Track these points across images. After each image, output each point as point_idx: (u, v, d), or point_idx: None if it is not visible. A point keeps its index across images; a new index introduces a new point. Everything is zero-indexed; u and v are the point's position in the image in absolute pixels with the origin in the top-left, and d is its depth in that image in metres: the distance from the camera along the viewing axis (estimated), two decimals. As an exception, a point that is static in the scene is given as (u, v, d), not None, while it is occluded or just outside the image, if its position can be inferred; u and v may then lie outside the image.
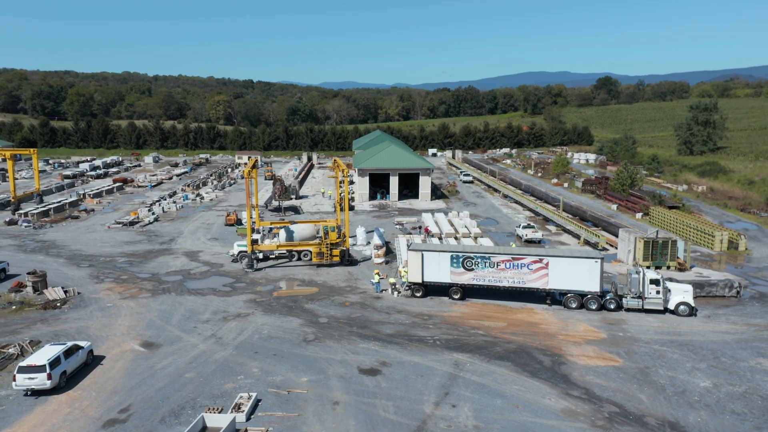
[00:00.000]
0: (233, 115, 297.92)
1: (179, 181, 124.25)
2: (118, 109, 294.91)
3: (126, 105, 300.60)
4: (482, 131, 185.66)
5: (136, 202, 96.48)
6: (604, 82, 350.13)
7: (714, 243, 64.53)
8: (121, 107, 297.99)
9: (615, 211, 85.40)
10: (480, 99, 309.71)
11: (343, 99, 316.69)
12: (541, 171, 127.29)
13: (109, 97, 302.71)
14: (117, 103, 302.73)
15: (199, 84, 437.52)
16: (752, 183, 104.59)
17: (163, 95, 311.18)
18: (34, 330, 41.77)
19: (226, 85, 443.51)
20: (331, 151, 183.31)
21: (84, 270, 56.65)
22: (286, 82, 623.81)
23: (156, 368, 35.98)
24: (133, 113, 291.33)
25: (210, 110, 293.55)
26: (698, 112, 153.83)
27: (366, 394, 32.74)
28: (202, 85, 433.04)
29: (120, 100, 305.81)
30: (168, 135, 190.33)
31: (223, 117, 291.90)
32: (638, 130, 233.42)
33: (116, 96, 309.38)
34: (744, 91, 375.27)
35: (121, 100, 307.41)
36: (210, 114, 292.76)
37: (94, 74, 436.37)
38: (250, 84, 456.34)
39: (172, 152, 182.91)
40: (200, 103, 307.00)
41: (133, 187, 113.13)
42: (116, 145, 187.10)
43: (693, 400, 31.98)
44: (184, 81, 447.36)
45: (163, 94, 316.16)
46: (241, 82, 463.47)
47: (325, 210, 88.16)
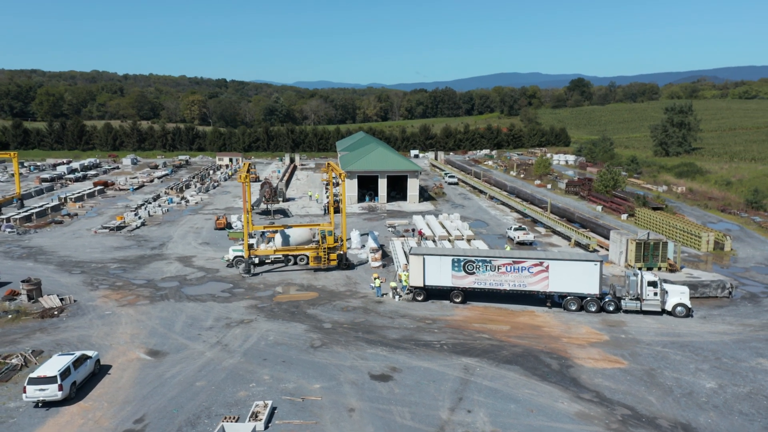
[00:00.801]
0: (208, 115, 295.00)
1: (161, 183, 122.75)
2: (89, 110, 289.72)
3: (97, 105, 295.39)
4: (462, 133, 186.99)
5: (120, 205, 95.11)
6: (576, 83, 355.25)
7: (701, 244, 66.05)
8: (93, 107, 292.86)
9: (600, 213, 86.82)
10: (457, 100, 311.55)
11: (321, 99, 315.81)
12: (523, 172, 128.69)
13: (79, 97, 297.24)
14: (88, 103, 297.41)
15: (171, 83, 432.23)
16: (729, 184, 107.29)
17: (135, 95, 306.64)
18: (34, 339, 40.99)
19: (199, 84, 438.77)
20: (313, 152, 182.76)
21: (76, 277, 55.70)
22: (260, 81, 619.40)
23: (165, 377, 35.62)
24: (105, 113, 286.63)
25: (184, 110, 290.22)
26: (673, 114, 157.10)
27: (380, 401, 32.86)
28: (174, 84, 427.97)
29: (91, 100, 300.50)
30: (145, 136, 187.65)
31: (198, 117, 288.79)
32: (612, 131, 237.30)
33: (87, 96, 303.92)
34: (711, 92, 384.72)
35: (93, 100, 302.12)
36: (184, 114, 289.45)
37: (62, 73, 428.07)
38: (224, 83, 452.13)
39: (149, 154, 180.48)
40: (174, 102, 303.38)
41: (114, 190, 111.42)
42: (92, 147, 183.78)
43: (701, 401, 32.77)
44: (155, 80, 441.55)
45: (135, 93, 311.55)
46: (214, 81, 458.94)
47: (314, 213, 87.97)
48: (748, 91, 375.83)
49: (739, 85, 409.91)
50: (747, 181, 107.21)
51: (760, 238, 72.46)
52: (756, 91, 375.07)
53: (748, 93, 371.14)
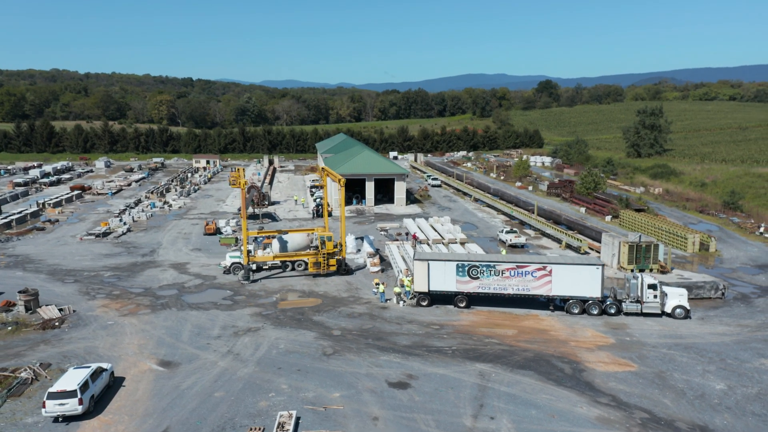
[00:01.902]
0: (177, 115, 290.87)
1: (139, 187, 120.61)
2: (52, 110, 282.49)
3: (61, 105, 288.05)
4: (439, 134, 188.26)
5: (100, 211, 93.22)
6: (545, 85, 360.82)
7: (687, 245, 67.86)
8: (56, 108, 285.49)
9: (584, 214, 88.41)
10: (429, 101, 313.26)
11: (293, 99, 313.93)
12: (503, 174, 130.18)
13: (42, 97, 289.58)
14: (51, 103, 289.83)
15: (135, 82, 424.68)
16: (704, 185, 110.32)
17: (101, 95, 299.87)
18: (39, 352, 40.04)
19: (165, 83, 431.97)
20: (291, 153, 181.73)
21: (70, 286, 54.48)
22: (227, 80, 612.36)
23: (182, 388, 35.21)
24: (69, 114, 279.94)
25: (152, 110, 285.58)
26: (645, 116, 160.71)
27: (402, 409, 33.03)
28: (138, 83, 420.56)
29: (54, 100, 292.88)
30: (117, 138, 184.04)
31: (166, 117, 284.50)
32: (582, 132, 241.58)
33: (50, 96, 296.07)
34: (672, 94, 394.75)
35: (56, 100, 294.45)
36: (152, 114, 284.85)
37: (20, 72, 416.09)
38: (190, 82, 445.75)
39: (122, 156, 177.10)
40: (141, 102, 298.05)
41: (92, 194, 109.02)
42: (62, 149, 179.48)
43: (714, 403, 33.76)
44: (118, 79, 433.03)
45: (100, 93, 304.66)
46: (179, 80, 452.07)
47: (302, 217, 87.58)
48: (708, 92, 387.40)
49: (698, 86, 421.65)
50: (721, 182, 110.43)
51: (740, 238, 74.75)
52: (715, 92, 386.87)
53: (708, 94, 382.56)
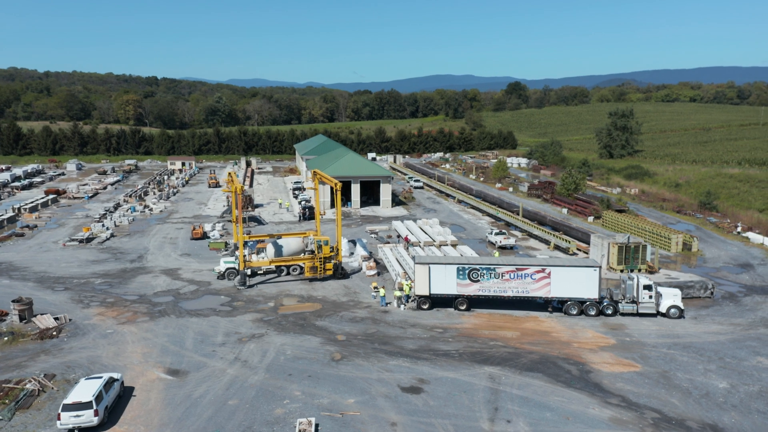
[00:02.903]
0: (144, 115, 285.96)
1: (115, 190, 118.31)
2: (13, 110, 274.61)
3: (23, 105, 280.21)
4: (416, 136, 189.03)
5: (79, 215, 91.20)
6: (514, 87, 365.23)
7: (671, 245, 69.59)
8: (18, 108, 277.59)
9: (566, 215, 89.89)
10: (402, 102, 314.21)
11: (264, 99, 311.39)
12: (482, 175, 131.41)
13: (2, 97, 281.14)
14: (12, 103, 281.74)
15: (98, 81, 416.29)
16: (678, 185, 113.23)
17: (64, 94, 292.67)
18: (41, 362, 39.13)
19: (128, 82, 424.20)
20: (267, 154, 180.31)
21: (62, 294, 53.26)
22: (193, 79, 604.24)
23: (194, 397, 34.84)
24: (31, 114, 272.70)
25: (118, 110, 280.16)
26: (617, 118, 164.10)
27: (419, 414, 33.24)
28: (100, 82, 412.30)
29: (15, 100, 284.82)
30: (87, 140, 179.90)
31: (133, 117, 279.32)
32: (552, 133, 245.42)
33: (10, 95, 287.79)
34: (636, 95, 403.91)
35: (17, 99, 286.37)
36: (118, 114, 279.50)
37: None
38: (155, 81, 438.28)
39: (93, 158, 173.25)
40: (106, 102, 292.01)
41: (68, 198, 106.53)
42: (30, 152, 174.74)
43: (719, 401, 34.77)
44: (80, 78, 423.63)
45: (64, 93, 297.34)
46: (144, 79, 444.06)
47: (288, 220, 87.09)
48: (669, 94, 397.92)
49: (660, 88, 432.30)
50: (694, 183, 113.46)
51: (719, 238, 76.94)
52: (676, 94, 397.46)
53: (669, 96, 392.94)
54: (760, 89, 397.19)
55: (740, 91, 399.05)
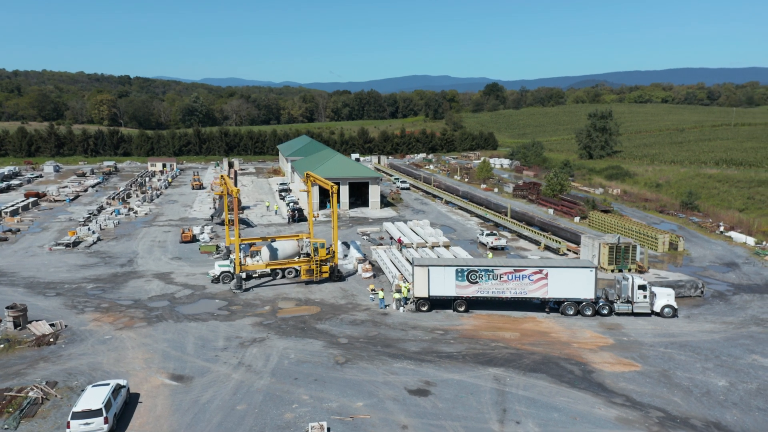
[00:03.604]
0: (119, 115, 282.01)
1: (96, 193, 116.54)
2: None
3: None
4: (399, 137, 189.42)
5: (62, 219, 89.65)
6: (491, 88, 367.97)
7: (657, 245, 70.84)
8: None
9: (553, 216, 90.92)
10: (382, 102, 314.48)
11: (242, 98, 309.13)
12: (466, 176, 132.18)
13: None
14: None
15: (69, 80, 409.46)
16: (659, 186, 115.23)
17: (35, 94, 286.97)
18: (40, 370, 38.48)
19: (100, 81, 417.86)
20: (249, 155, 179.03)
21: (54, 300, 52.38)
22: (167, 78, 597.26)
23: (201, 402, 34.60)
24: (1, 114, 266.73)
25: (92, 110, 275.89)
26: (596, 119, 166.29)
27: (428, 416, 33.42)
28: (71, 81, 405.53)
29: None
30: (64, 141, 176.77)
31: (107, 118, 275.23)
32: (531, 134, 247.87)
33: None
34: (610, 96, 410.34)
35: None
36: (92, 114, 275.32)
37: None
38: (127, 80, 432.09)
39: (70, 160, 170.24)
40: (80, 102, 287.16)
41: (49, 201, 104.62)
42: (5, 153, 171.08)
43: (720, 399, 35.54)
44: (50, 77, 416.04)
45: (35, 92, 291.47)
46: (116, 78, 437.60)
47: (277, 222, 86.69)
48: (642, 95, 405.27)
49: (633, 89, 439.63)
50: (674, 183, 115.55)
51: (703, 237, 78.53)
52: (649, 95, 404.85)
53: (642, 97, 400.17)
54: (729, 90, 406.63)
55: (710, 92, 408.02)
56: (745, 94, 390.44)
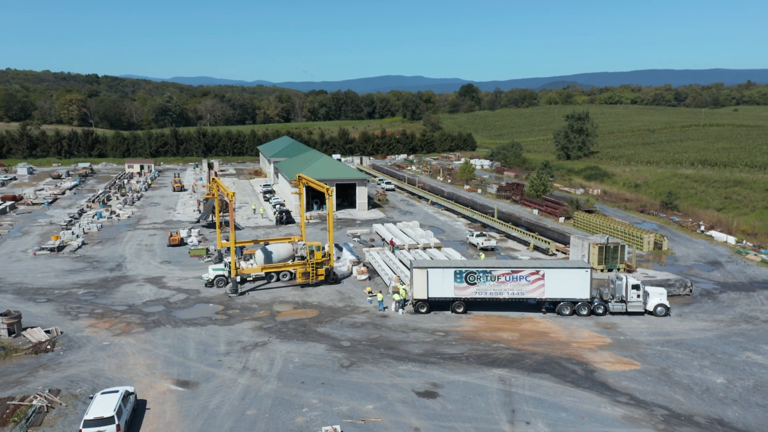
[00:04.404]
0: (89, 115, 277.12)
1: (74, 195, 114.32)
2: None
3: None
4: (380, 137, 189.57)
5: (42, 222, 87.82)
6: (467, 89, 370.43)
7: (643, 245, 72.23)
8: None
9: (538, 216, 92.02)
10: (359, 103, 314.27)
11: (216, 98, 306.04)
12: (449, 177, 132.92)
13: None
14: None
15: (34, 79, 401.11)
16: (638, 186, 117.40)
17: (2, 94, 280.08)
18: (41, 378, 37.78)
19: (67, 80, 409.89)
20: (228, 156, 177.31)
21: (45, 306, 51.38)
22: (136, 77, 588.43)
23: (210, 408, 34.37)
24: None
25: (61, 110, 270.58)
26: (573, 120, 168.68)
27: (439, 418, 33.67)
28: (38, 80, 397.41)
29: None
30: (37, 142, 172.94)
31: (77, 118, 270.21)
32: (507, 135, 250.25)
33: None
34: (581, 98, 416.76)
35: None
36: (61, 115, 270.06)
37: None
38: (95, 79, 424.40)
39: (43, 161, 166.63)
40: (48, 102, 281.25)
41: (26, 205, 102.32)
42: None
43: (720, 396, 36.46)
44: (15, 75, 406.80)
45: (1, 92, 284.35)
46: (84, 77, 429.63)
47: (264, 224, 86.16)
48: (612, 96, 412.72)
49: (603, 91, 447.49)
50: (652, 183, 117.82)
51: (685, 237, 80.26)
52: (618, 96, 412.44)
53: (612, 98, 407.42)
54: (695, 92, 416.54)
55: (677, 93, 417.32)
56: (710, 96, 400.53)
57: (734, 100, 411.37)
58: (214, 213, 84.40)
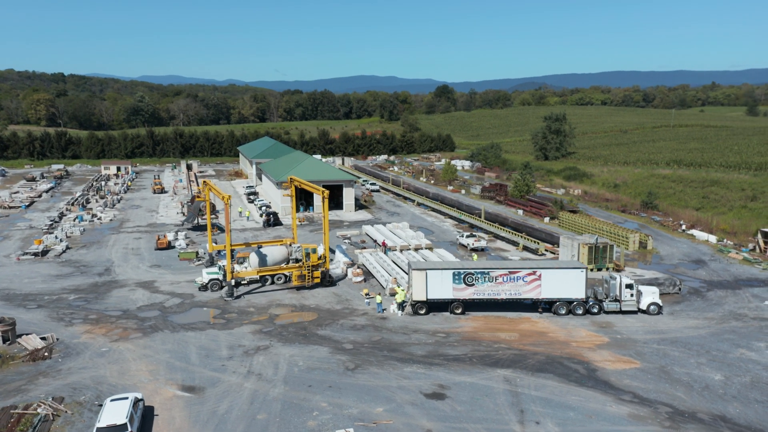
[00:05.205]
0: (58, 115, 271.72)
1: (51, 198, 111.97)
2: None
3: None
4: (360, 138, 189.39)
5: (22, 226, 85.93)
6: (442, 90, 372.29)
7: (628, 244, 73.55)
8: None
9: (523, 217, 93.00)
10: (335, 103, 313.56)
11: (190, 98, 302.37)
12: (432, 178, 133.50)
13: None
14: None
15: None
16: (617, 186, 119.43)
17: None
18: (42, 385, 37.06)
19: (32, 79, 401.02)
20: (205, 157, 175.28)
21: (36, 312, 50.34)
22: (103, 76, 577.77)
23: (219, 413, 34.11)
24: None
25: (28, 110, 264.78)
26: (551, 122, 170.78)
27: (450, 419, 33.90)
28: (1, 79, 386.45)
29: None
30: (8, 143, 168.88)
31: (45, 118, 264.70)
32: (484, 136, 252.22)
33: None
34: (553, 99, 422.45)
35: None
36: (28, 115, 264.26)
37: None
38: (62, 78, 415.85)
39: (15, 163, 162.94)
40: (14, 102, 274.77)
41: (3, 208, 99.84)
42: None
43: (719, 393, 37.33)
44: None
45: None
46: (49, 75, 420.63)
47: (251, 227, 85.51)
48: (583, 97, 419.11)
49: (574, 92, 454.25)
50: (631, 183, 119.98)
51: (667, 236, 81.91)
52: (589, 97, 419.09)
53: (583, 99, 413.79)
54: (662, 93, 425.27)
55: (645, 94, 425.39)
56: (677, 97, 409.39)
57: (700, 101, 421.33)
58: (200, 215, 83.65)
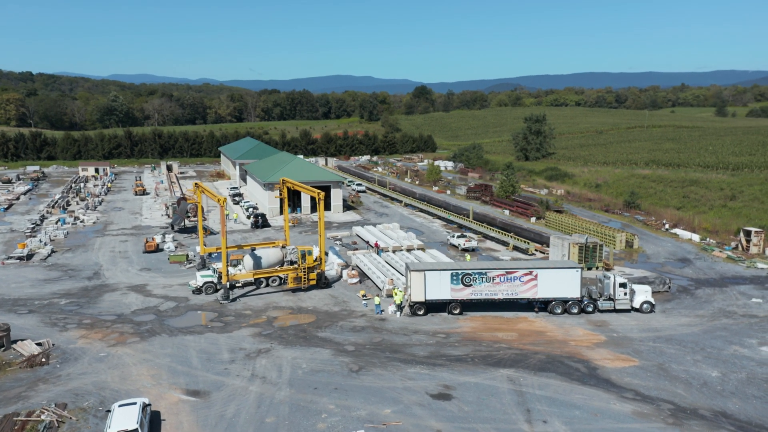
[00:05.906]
0: (29, 115, 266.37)
1: (30, 200, 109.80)
2: None
3: None
4: (342, 138, 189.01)
5: (2, 229, 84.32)
6: (420, 90, 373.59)
7: (615, 243, 74.67)
8: None
9: (509, 217, 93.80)
10: (314, 103, 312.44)
11: (165, 97, 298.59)
12: (417, 179, 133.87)
13: None
14: None
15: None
16: (599, 186, 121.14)
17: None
18: (43, 392, 36.39)
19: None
20: (185, 158, 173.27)
21: (28, 317, 49.37)
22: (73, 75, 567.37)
23: (227, 416, 33.87)
24: None
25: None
26: (531, 123, 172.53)
27: (458, 420, 34.10)
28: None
29: None
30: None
31: (15, 118, 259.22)
32: (464, 136, 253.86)
33: None
34: (529, 100, 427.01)
35: None
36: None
37: None
38: (30, 77, 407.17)
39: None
40: None
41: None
42: None
43: (718, 389, 38.12)
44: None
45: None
46: (17, 74, 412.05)
47: (239, 228, 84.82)
48: (558, 98, 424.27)
49: (549, 93, 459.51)
50: (612, 183, 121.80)
51: (651, 235, 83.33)
52: (564, 98, 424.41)
53: (558, 100, 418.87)
54: (634, 94, 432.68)
55: (618, 95, 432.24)
56: (648, 98, 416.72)
57: (670, 102, 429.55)
58: (187, 218, 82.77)
